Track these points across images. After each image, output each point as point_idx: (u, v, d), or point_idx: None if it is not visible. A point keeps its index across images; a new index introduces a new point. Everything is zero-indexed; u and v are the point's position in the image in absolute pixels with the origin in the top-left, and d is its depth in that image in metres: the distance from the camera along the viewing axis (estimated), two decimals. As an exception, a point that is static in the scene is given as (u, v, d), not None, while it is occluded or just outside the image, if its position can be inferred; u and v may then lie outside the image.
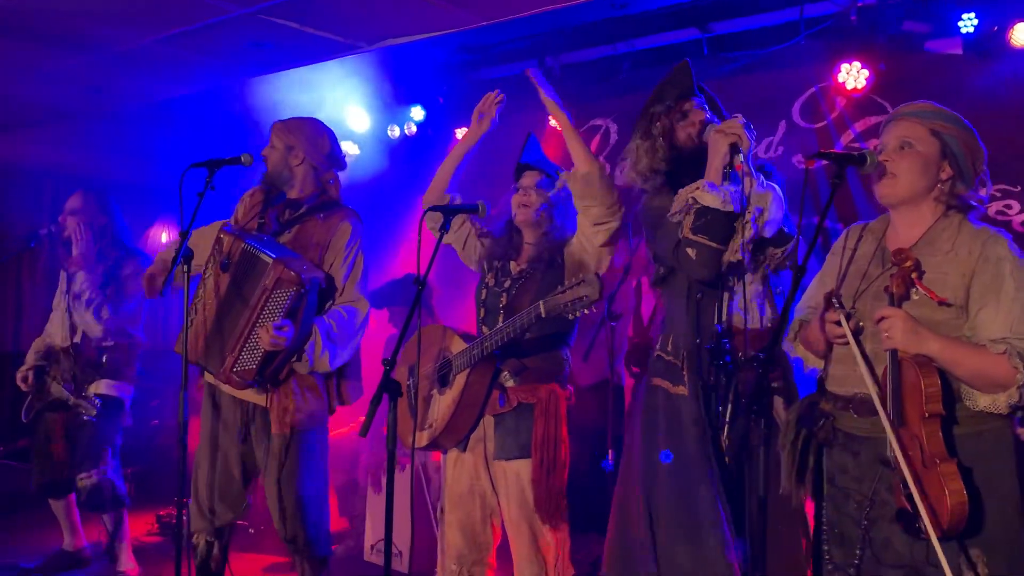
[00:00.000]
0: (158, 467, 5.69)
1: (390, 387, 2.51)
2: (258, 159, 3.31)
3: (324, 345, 3.21)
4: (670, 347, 2.80)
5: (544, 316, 2.78)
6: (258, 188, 3.47)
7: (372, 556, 4.72)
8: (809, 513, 2.46)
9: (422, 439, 3.17)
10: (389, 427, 2.52)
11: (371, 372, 4.62)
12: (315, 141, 3.41)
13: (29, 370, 4.34)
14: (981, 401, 2.09)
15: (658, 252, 2.85)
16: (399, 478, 3.85)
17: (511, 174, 3.30)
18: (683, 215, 2.67)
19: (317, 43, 4.90)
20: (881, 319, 2.08)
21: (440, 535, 3.24)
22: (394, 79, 5.60)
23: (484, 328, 3.15)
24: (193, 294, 3.25)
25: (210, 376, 3.36)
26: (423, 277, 2.66)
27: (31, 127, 6.16)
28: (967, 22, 4.05)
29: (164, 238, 6.82)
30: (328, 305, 3.30)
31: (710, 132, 2.68)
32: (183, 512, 3.08)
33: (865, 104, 4.51)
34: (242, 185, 3.55)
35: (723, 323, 2.66)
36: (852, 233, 2.40)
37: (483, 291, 3.22)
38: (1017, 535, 2.09)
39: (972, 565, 2.05)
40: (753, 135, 2.61)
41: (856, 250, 2.35)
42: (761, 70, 4.59)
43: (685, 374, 2.72)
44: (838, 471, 2.27)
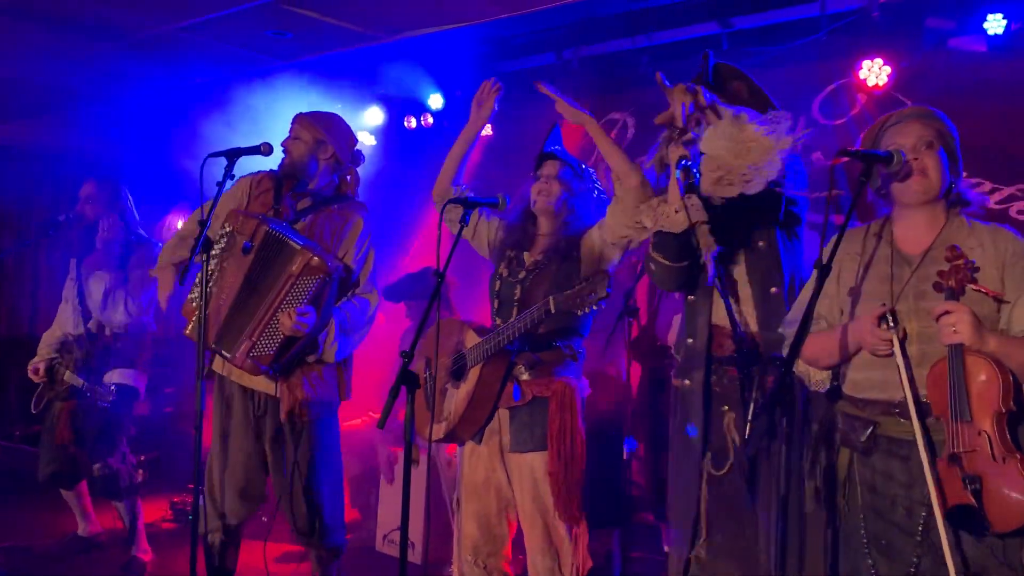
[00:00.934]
0: (172, 454, 5.73)
1: (408, 379, 2.51)
2: (277, 149, 3.31)
3: (336, 336, 3.22)
4: (675, 345, 2.82)
5: (554, 312, 2.78)
6: (266, 175, 3.44)
7: (384, 547, 4.74)
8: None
9: (439, 431, 3.17)
10: (407, 419, 2.52)
11: (388, 365, 4.65)
12: (345, 137, 3.44)
13: (41, 362, 4.35)
14: None
15: None
16: (413, 470, 3.85)
17: (531, 164, 3.28)
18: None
19: (336, 33, 4.90)
20: (944, 313, 2.07)
21: (456, 526, 3.25)
22: (412, 71, 5.59)
23: (498, 320, 3.15)
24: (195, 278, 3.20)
25: (220, 364, 3.35)
26: (443, 271, 2.65)
27: (48, 111, 6.19)
28: (993, 22, 4.01)
29: (180, 226, 6.83)
30: (344, 296, 3.32)
31: (663, 144, 2.61)
32: (198, 498, 3.09)
33: (886, 101, 4.46)
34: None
35: (713, 325, 2.63)
36: (854, 238, 2.37)
37: (497, 282, 3.22)
38: None
39: None
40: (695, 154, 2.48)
41: (867, 255, 2.32)
42: (781, 66, 4.55)
43: (685, 369, 2.73)
44: (882, 478, 2.22)
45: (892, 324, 2.12)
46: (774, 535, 2.28)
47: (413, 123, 5.90)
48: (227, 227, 3.28)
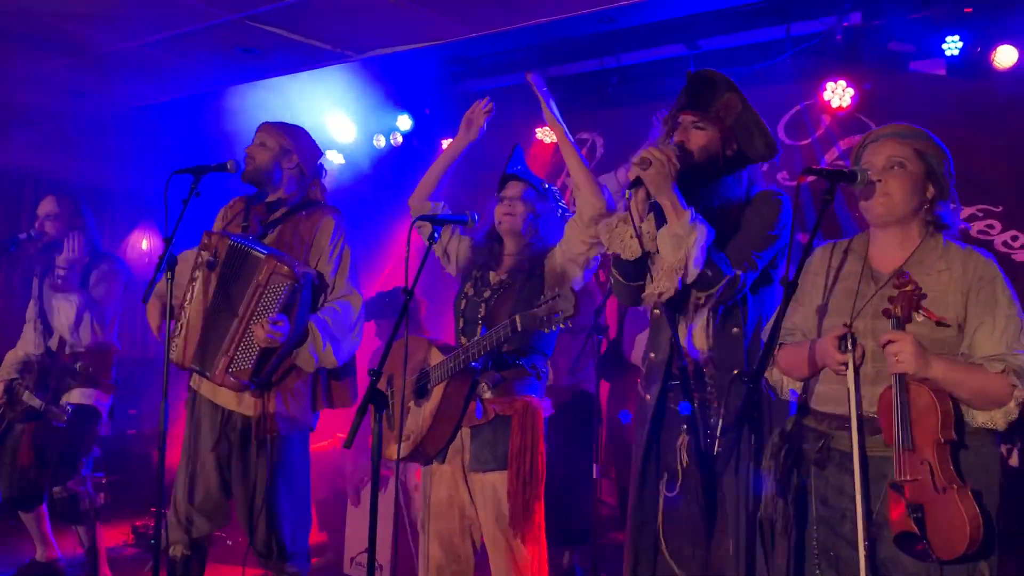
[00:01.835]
0: (134, 476, 5.62)
1: (376, 398, 2.48)
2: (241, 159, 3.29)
3: (324, 339, 3.16)
4: (642, 358, 2.82)
5: (520, 330, 2.78)
6: (238, 199, 3.45)
7: (351, 569, 4.67)
8: None
9: (404, 450, 3.14)
10: (374, 439, 2.49)
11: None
12: (310, 148, 3.42)
13: (0, 383, 4.25)
14: (979, 419, 2.09)
15: None
16: (380, 493, 3.82)
17: (495, 184, 3.29)
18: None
19: (305, 51, 4.88)
20: (888, 343, 2.08)
21: (420, 547, 3.21)
22: (381, 89, 5.59)
23: (463, 338, 3.14)
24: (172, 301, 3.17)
25: (196, 380, 3.30)
26: (411, 288, 2.63)
27: (9, 129, 6.08)
28: (951, 45, 4.11)
29: (144, 245, 6.75)
30: (320, 301, 3.27)
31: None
32: (161, 522, 3.02)
33: (850, 122, 4.56)
34: (222, 193, 3.51)
35: (674, 341, 2.61)
36: (832, 251, 2.38)
37: (462, 301, 3.21)
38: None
39: None
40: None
41: (840, 269, 2.34)
42: (747, 87, 4.59)
43: (646, 383, 2.72)
44: (833, 492, 2.23)
45: (851, 346, 2.13)
46: (742, 558, 2.28)
47: (382, 142, 5.89)
48: (200, 249, 3.26)
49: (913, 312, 2.09)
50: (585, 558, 4.56)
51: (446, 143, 5.05)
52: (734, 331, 2.55)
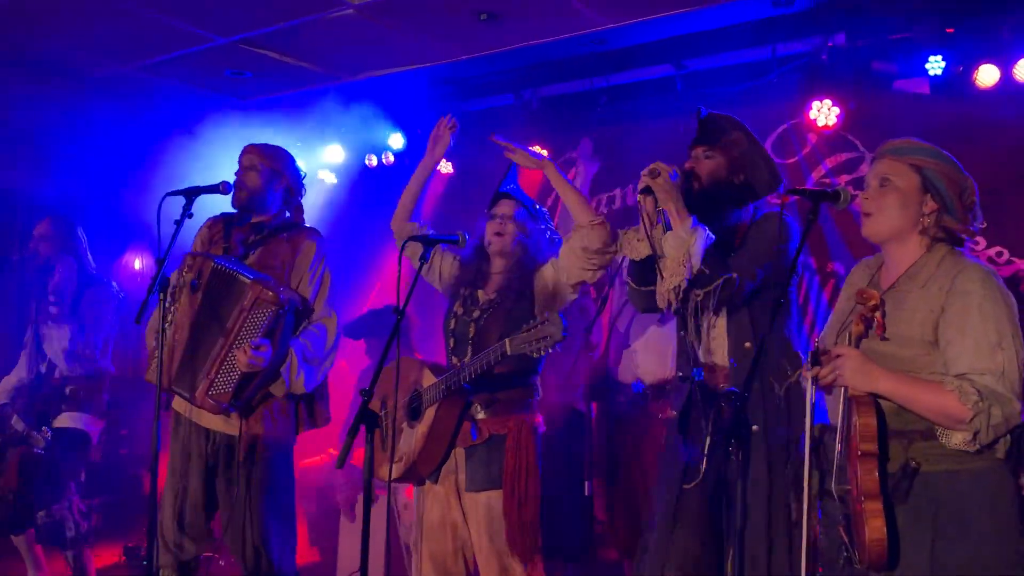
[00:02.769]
0: (126, 498, 5.58)
1: (368, 418, 2.49)
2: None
3: (300, 366, 3.19)
4: (669, 381, 2.91)
5: (509, 354, 2.81)
6: (219, 218, 3.47)
7: (344, 588, 4.66)
8: None
9: (396, 471, 3.15)
10: (366, 459, 2.50)
11: (345, 401, 4.61)
12: (295, 169, 3.46)
13: None
14: (954, 439, 2.06)
15: None
16: (373, 510, 3.81)
17: (485, 201, 3.31)
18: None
19: (298, 73, 4.92)
20: (836, 357, 2.10)
21: (413, 568, 3.22)
22: (373, 110, 5.63)
23: (454, 359, 3.15)
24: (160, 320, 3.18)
25: (180, 403, 3.31)
26: (402, 308, 2.66)
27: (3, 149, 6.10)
28: (934, 64, 4.17)
29: (137, 265, 6.75)
30: (302, 325, 3.29)
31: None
32: (154, 544, 3.02)
33: (836, 141, 4.61)
34: (201, 211, 3.53)
35: (692, 356, 2.71)
36: (862, 268, 2.42)
37: (452, 320, 3.22)
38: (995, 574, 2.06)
39: None
40: (675, 177, 2.60)
41: (858, 282, 2.37)
42: (734, 106, 4.66)
43: (674, 403, 2.81)
44: (828, 499, 2.25)
45: (814, 362, 2.14)
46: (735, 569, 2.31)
47: (374, 161, 5.91)
48: (183, 270, 3.27)
49: (868, 329, 2.12)
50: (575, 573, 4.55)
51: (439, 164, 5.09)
52: (747, 346, 2.66)
